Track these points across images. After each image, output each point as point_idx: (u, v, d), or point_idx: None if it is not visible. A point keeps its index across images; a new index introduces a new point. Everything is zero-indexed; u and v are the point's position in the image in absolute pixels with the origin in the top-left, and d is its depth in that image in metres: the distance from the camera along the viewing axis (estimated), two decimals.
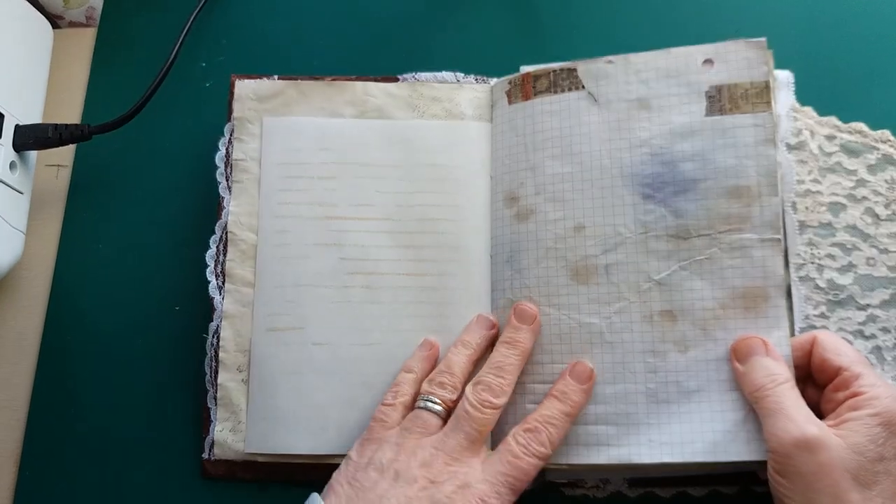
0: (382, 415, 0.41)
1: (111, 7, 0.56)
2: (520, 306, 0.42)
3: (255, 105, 0.48)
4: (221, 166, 0.48)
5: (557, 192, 0.44)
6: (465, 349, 0.42)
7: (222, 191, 0.47)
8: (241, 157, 0.47)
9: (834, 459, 0.34)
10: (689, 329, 0.40)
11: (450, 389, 0.41)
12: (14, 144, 0.48)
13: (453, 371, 0.41)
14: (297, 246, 0.46)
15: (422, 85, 0.48)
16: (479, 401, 0.39)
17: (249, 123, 0.48)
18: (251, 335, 0.45)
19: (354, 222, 0.46)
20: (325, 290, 0.45)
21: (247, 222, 0.47)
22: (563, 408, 0.40)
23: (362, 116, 0.48)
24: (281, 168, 0.47)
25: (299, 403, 0.44)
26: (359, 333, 0.45)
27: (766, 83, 0.41)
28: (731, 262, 0.40)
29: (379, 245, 0.46)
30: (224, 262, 0.46)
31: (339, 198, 0.46)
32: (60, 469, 0.46)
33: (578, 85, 0.44)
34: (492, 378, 0.40)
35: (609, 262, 0.42)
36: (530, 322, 0.42)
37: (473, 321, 0.44)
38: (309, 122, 0.48)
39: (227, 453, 0.44)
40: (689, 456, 0.39)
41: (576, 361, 0.41)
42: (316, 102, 0.48)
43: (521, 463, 0.38)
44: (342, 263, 0.45)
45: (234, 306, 0.46)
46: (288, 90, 0.48)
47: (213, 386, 0.45)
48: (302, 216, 0.46)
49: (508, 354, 0.41)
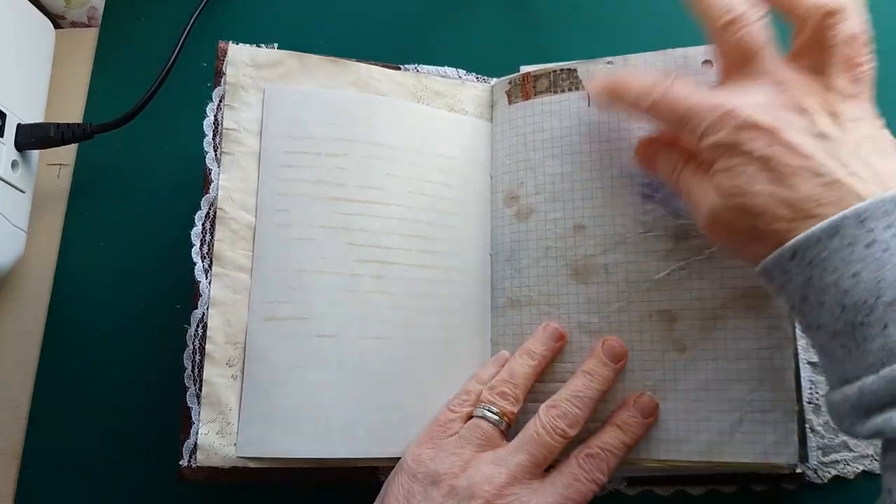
0: (446, 419, 0.40)
1: (113, 7, 0.56)
2: (610, 342, 0.41)
3: (252, 72, 0.44)
4: (209, 134, 0.44)
5: (557, 191, 0.44)
6: (531, 359, 0.41)
7: (209, 161, 0.43)
8: (233, 127, 0.43)
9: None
10: (687, 329, 0.40)
11: (511, 401, 0.40)
12: (16, 143, 0.48)
13: (516, 381, 0.40)
14: (301, 227, 0.42)
15: (426, 77, 0.47)
16: (553, 427, 0.38)
17: (244, 91, 0.44)
18: (246, 324, 0.41)
19: (364, 205, 0.43)
20: (331, 278, 0.42)
21: (239, 200, 0.42)
22: (625, 438, 0.39)
23: None
24: (284, 141, 0.43)
25: (301, 402, 0.40)
26: (368, 326, 0.42)
27: None
28: (730, 261, 0.40)
29: (390, 232, 0.43)
30: (212, 243, 0.42)
31: (348, 178, 0.43)
32: (63, 467, 0.46)
33: (578, 85, 0.44)
34: (569, 406, 0.39)
35: (608, 261, 0.42)
36: (617, 361, 0.40)
37: (540, 330, 0.42)
38: (316, 92, 0.44)
39: (213, 459, 0.39)
40: (684, 455, 0.39)
41: (641, 392, 0.40)
42: (318, 78, 0.45)
43: (581, 487, 0.37)
44: (351, 249, 0.42)
45: (223, 292, 0.41)
46: (289, 60, 0.45)
47: (195, 382, 0.41)
48: (307, 195, 0.43)
49: (590, 386, 0.39)
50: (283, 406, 0.40)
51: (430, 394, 0.42)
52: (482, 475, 0.37)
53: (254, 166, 0.43)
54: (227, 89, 0.44)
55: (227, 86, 0.44)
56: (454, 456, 0.38)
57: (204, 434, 0.39)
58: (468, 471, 0.37)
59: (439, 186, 0.45)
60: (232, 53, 0.44)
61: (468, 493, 0.36)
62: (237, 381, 0.40)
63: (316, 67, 0.45)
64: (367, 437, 0.41)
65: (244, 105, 0.44)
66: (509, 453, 0.38)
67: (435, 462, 0.38)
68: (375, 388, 0.41)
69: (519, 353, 0.42)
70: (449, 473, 0.37)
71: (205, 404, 0.40)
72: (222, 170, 0.42)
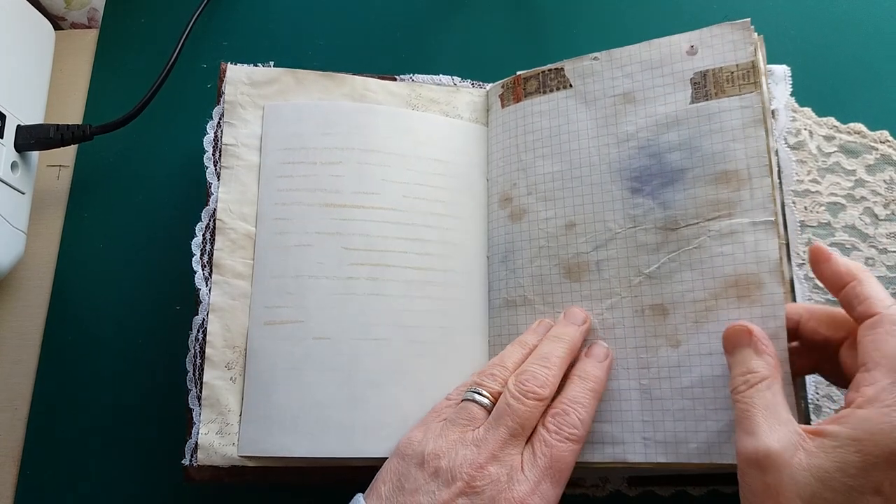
0: (442, 406, 0.40)
1: (113, 8, 0.57)
2: (571, 309, 0.41)
3: (249, 90, 0.46)
4: (209, 150, 0.46)
5: (548, 190, 0.44)
6: (522, 348, 0.41)
7: (209, 176, 0.45)
8: (232, 143, 0.45)
9: (784, 482, 0.30)
10: (680, 322, 0.39)
11: (500, 382, 0.39)
12: (16, 145, 0.48)
13: (506, 364, 0.40)
14: (297, 234, 0.43)
15: (420, 86, 0.48)
16: (522, 391, 0.37)
17: (241, 108, 0.46)
18: (246, 329, 0.42)
19: (359, 210, 0.44)
20: (327, 282, 0.43)
21: (238, 211, 0.44)
22: (587, 384, 0.38)
23: None
24: (282, 153, 0.45)
25: (299, 402, 0.41)
26: (363, 328, 0.42)
27: (753, 63, 0.40)
28: (720, 249, 0.39)
29: (385, 236, 0.44)
30: (212, 252, 0.43)
31: (343, 184, 0.44)
32: (62, 468, 0.46)
33: (566, 84, 0.44)
34: (536, 367, 0.38)
35: (600, 258, 0.42)
36: (580, 323, 0.41)
37: (534, 324, 0.42)
38: (312, 105, 0.46)
39: (213, 458, 0.40)
40: (683, 457, 0.38)
41: (590, 344, 0.40)
42: (313, 93, 0.46)
43: (555, 451, 0.36)
44: (346, 253, 0.43)
45: (222, 298, 0.43)
46: (284, 78, 0.47)
47: (196, 385, 0.42)
48: (303, 203, 0.44)
49: (555, 347, 0.39)
50: (282, 407, 0.41)
51: (428, 394, 0.42)
52: (462, 456, 0.36)
53: (251, 179, 0.45)
54: (226, 108, 0.46)
55: (225, 104, 0.46)
56: (441, 438, 0.37)
57: (204, 434, 0.41)
58: (451, 452, 0.37)
59: (435, 190, 0.45)
60: (230, 73, 0.46)
61: (450, 475, 0.36)
62: (236, 384, 0.42)
63: (311, 83, 0.47)
64: (364, 436, 0.41)
65: (242, 122, 0.46)
66: (486, 431, 0.37)
67: (422, 444, 0.38)
68: (372, 388, 0.42)
69: (512, 344, 0.41)
70: (433, 454, 0.37)
71: (205, 406, 0.41)
72: (221, 183, 0.44)
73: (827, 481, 0.29)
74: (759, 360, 0.35)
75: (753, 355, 0.35)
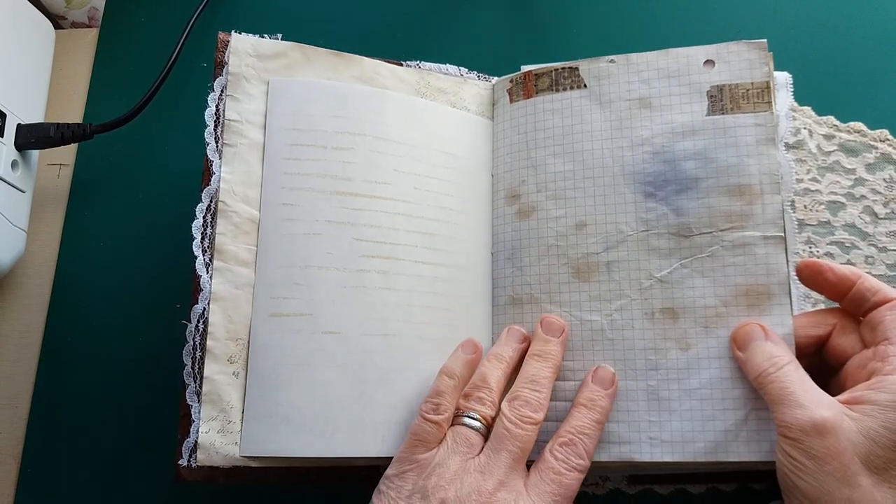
0: (424, 433, 0.38)
1: (113, 8, 0.57)
2: (547, 319, 0.42)
3: (255, 62, 0.43)
4: (211, 124, 0.43)
5: (559, 189, 0.44)
6: (499, 363, 0.41)
7: (210, 153, 0.42)
8: (235, 119, 0.42)
9: (843, 443, 0.33)
10: (690, 327, 0.41)
11: (489, 405, 0.39)
12: (16, 143, 0.48)
13: (490, 385, 0.40)
14: (306, 222, 0.41)
15: (428, 74, 0.47)
16: (519, 417, 0.38)
17: (246, 81, 0.43)
18: (248, 320, 0.40)
19: (371, 200, 0.42)
20: (337, 273, 0.41)
21: (241, 193, 0.41)
22: (593, 416, 0.39)
23: None
24: (289, 134, 0.42)
25: (308, 400, 0.39)
26: (374, 322, 0.41)
27: (767, 83, 0.41)
28: (733, 259, 0.40)
29: (396, 228, 0.42)
30: (213, 237, 0.41)
31: (355, 172, 0.42)
32: (62, 467, 0.46)
33: (580, 84, 0.44)
34: (528, 392, 0.39)
35: (610, 259, 0.42)
36: (558, 334, 0.41)
37: (504, 333, 0.42)
38: (321, 84, 0.44)
39: (214, 458, 0.38)
40: (689, 455, 0.39)
41: (596, 367, 0.41)
42: (321, 71, 0.44)
43: (564, 479, 0.37)
44: (357, 245, 0.41)
45: (224, 287, 0.40)
46: (292, 52, 0.44)
47: (195, 380, 0.39)
48: (312, 189, 0.42)
49: (541, 367, 0.40)
50: (288, 404, 0.39)
51: None
52: (470, 485, 0.36)
53: (256, 159, 0.42)
54: (230, 80, 0.43)
55: (229, 76, 0.43)
56: (441, 468, 0.37)
57: (204, 433, 0.38)
58: (456, 482, 0.36)
59: (444, 183, 0.45)
60: (234, 43, 0.43)
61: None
62: (239, 379, 0.39)
63: (319, 60, 0.45)
64: (374, 436, 0.40)
65: (247, 96, 0.43)
66: (489, 458, 0.37)
67: (422, 480, 0.37)
68: (382, 385, 0.40)
69: (488, 358, 0.41)
70: (438, 486, 0.36)
71: (205, 402, 0.39)
72: (224, 162, 0.41)
73: (877, 440, 0.34)
74: (777, 347, 0.38)
75: (772, 345, 0.38)
